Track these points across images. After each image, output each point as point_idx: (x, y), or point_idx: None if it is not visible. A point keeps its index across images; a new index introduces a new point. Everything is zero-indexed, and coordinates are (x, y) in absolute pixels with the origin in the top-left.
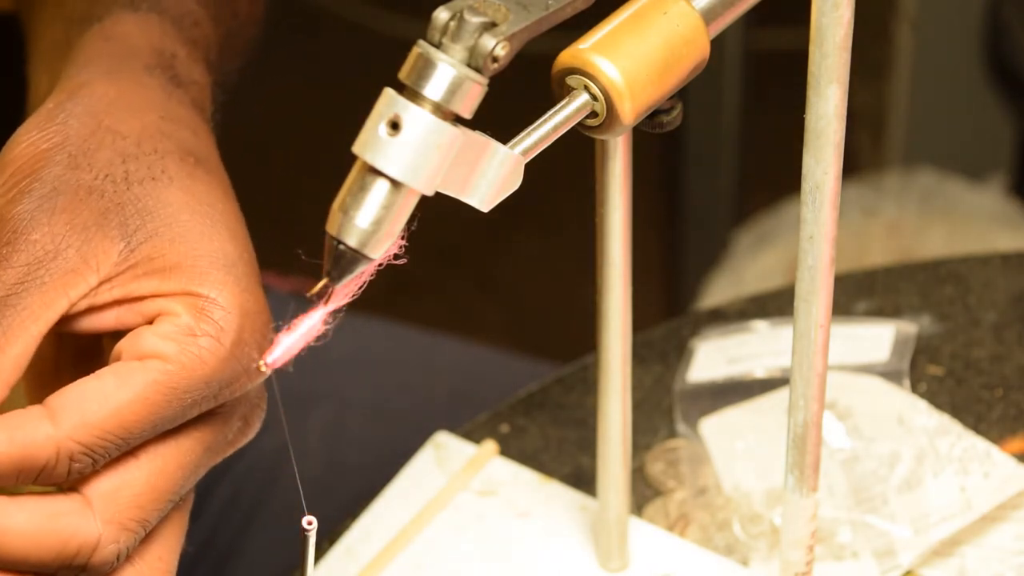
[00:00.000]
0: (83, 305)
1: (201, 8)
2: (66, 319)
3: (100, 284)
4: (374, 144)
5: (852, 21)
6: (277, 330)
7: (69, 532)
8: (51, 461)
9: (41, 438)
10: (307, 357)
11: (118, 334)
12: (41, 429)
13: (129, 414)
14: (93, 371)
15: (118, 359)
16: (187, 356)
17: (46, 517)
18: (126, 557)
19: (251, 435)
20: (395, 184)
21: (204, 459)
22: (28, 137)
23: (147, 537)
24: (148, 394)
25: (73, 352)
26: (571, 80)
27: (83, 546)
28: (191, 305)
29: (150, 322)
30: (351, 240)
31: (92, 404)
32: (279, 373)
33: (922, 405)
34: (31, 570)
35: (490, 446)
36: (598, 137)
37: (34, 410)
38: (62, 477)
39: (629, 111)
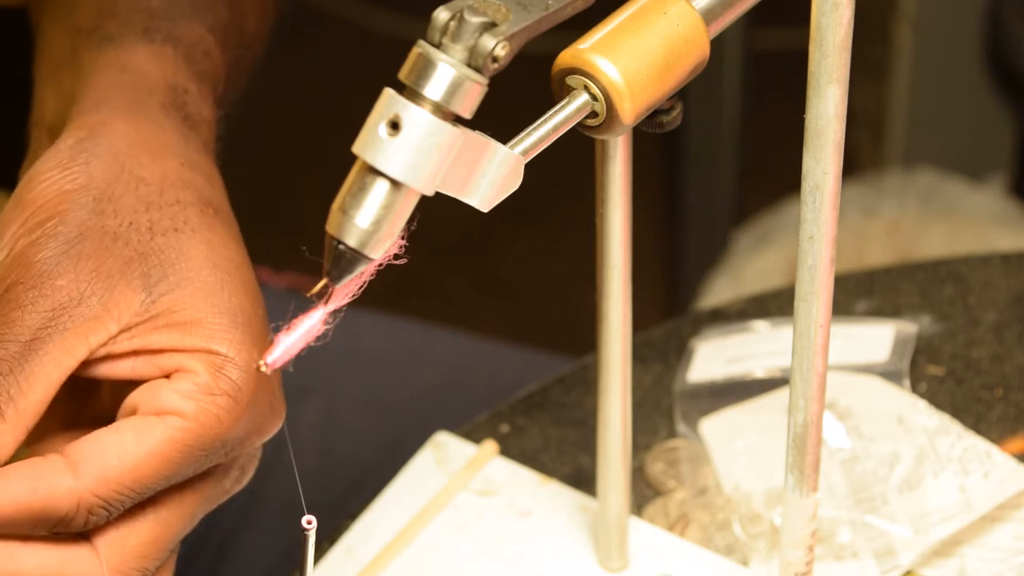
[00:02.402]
0: (101, 353)
1: (211, 35)
2: (82, 365)
3: (120, 333)
4: (374, 144)
5: (852, 21)
6: (276, 330)
7: None
8: (71, 513)
9: (63, 490)
10: (302, 350)
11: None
12: (63, 481)
13: (147, 469)
14: (88, 407)
15: (132, 411)
16: (205, 415)
17: (60, 562)
18: None
19: (245, 483)
20: (395, 184)
21: (201, 508)
22: (50, 176)
23: None
24: (165, 450)
25: (68, 386)
26: (571, 80)
27: None
28: (210, 363)
29: (167, 375)
30: (351, 240)
31: (112, 458)
32: None
33: (922, 405)
34: None
35: (490, 446)
36: (598, 137)
37: (55, 460)
38: (79, 528)
39: (629, 111)
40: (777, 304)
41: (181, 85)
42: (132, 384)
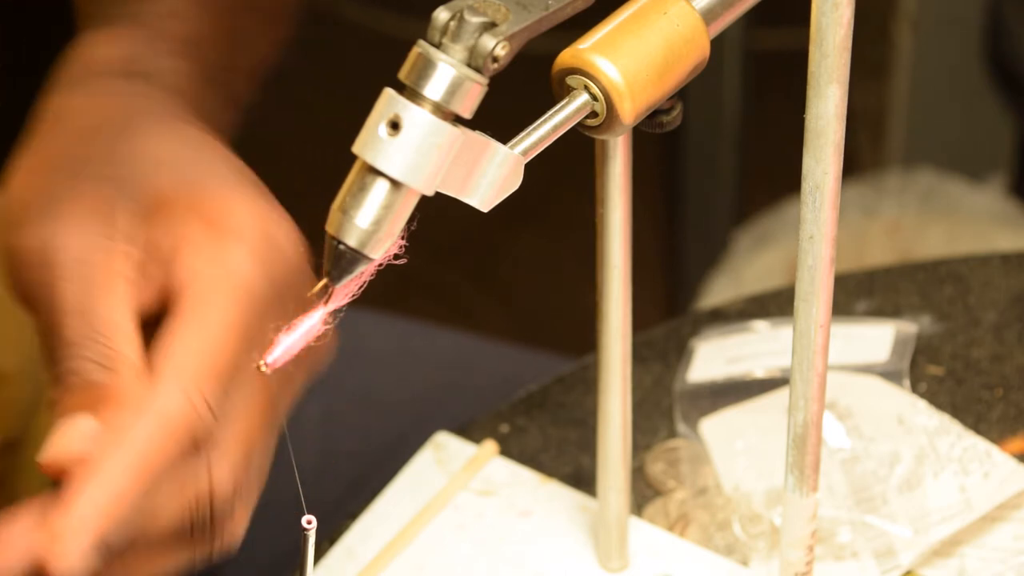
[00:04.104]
0: (130, 266)
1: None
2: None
3: (127, 238)
4: (374, 144)
5: (852, 21)
6: (276, 330)
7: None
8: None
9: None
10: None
11: None
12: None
13: (227, 342)
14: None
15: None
16: (225, 267)
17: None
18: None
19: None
20: (395, 184)
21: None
22: (20, 173)
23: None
24: (231, 318)
25: None
26: (571, 80)
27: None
28: (206, 226)
29: (166, 263)
30: (351, 240)
31: (191, 352)
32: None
33: (922, 405)
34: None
35: (490, 446)
36: (598, 137)
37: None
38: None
39: (629, 111)
40: (777, 304)
41: (136, 52)
42: None
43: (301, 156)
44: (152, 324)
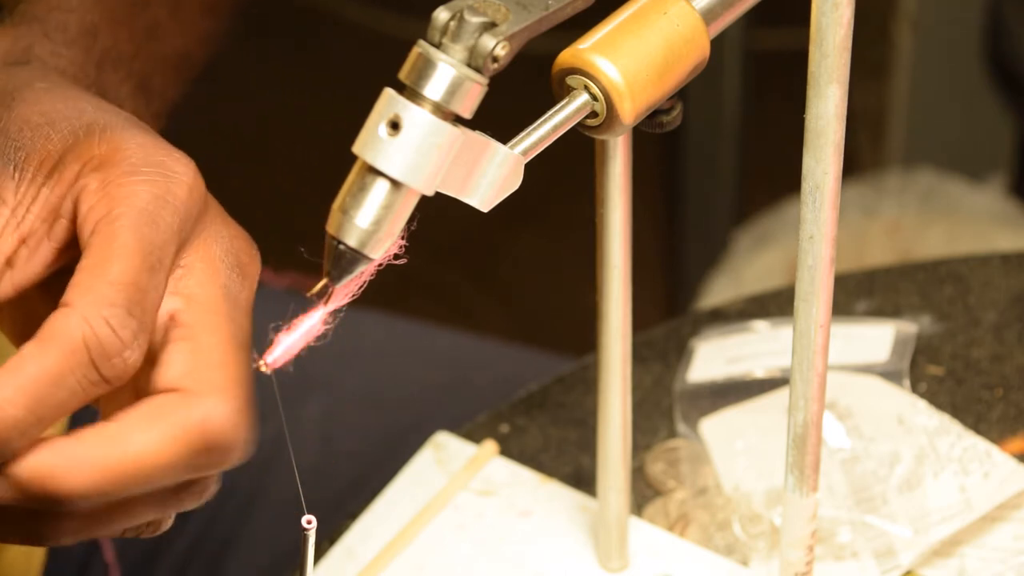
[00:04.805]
0: (12, 240)
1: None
2: (15, 264)
3: (14, 211)
4: (374, 144)
5: (852, 21)
6: (276, 329)
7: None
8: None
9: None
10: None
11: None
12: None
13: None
14: None
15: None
16: (126, 191)
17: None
18: None
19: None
20: (395, 184)
21: None
22: None
23: None
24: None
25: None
26: (571, 80)
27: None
28: (99, 170)
29: (73, 218)
30: (351, 240)
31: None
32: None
33: (922, 405)
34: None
35: (490, 446)
36: (598, 137)
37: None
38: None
39: (629, 111)
40: (777, 304)
41: (27, 45)
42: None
43: (301, 156)
44: None
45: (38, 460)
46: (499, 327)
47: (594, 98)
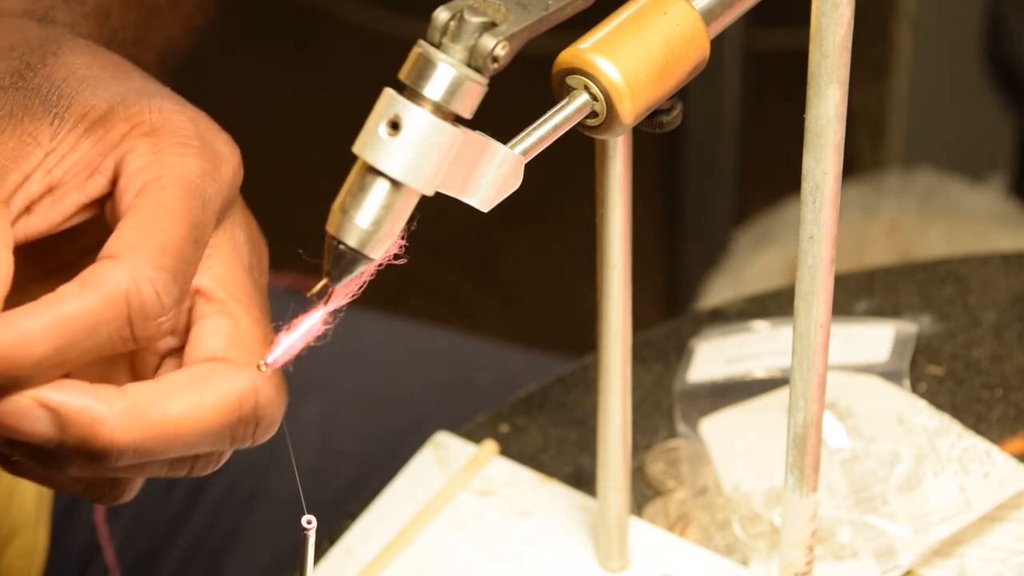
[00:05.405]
0: (42, 185)
1: None
2: (35, 211)
3: (47, 156)
4: (374, 144)
5: (852, 21)
6: (277, 329)
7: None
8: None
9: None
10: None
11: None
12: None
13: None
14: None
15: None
16: (178, 164)
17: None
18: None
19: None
20: (395, 184)
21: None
22: None
23: None
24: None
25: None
26: (571, 80)
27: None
28: (149, 136)
29: (114, 181)
30: (351, 240)
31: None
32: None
33: (922, 405)
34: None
35: (490, 446)
36: (598, 137)
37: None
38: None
39: (629, 111)
40: (777, 304)
41: (51, 4)
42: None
43: (301, 156)
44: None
45: (84, 401)
46: (499, 327)
47: (594, 98)
